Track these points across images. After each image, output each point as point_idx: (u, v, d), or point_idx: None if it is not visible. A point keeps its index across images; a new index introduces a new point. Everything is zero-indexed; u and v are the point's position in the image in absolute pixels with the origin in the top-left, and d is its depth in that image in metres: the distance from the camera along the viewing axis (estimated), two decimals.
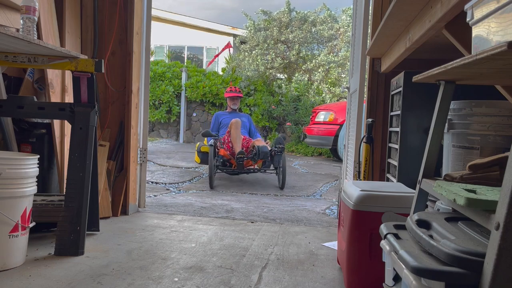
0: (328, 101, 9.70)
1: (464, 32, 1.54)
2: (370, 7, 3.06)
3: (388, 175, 2.70)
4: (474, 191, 0.99)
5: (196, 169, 5.83)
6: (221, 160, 4.91)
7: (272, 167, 5.04)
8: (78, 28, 3.04)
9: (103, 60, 2.31)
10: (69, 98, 2.84)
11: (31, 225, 2.05)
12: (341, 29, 10.77)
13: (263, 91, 9.91)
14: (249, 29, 11.01)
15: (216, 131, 5.32)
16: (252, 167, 5.04)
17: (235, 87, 5.70)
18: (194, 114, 9.92)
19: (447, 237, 0.93)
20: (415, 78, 1.36)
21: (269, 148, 4.84)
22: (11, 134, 2.60)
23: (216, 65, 13.80)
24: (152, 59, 11.29)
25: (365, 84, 3.03)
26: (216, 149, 4.88)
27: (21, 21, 2.02)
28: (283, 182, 4.73)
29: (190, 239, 2.56)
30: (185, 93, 9.84)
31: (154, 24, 3.75)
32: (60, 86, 2.80)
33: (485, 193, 0.97)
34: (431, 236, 0.98)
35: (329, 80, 10.24)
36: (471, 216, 0.94)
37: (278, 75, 10.83)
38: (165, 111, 9.77)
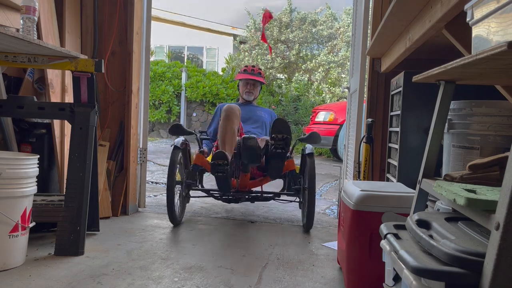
0: (328, 101, 9.70)
1: (464, 32, 1.54)
2: (370, 7, 3.06)
3: (388, 175, 2.70)
4: (474, 191, 0.99)
5: None
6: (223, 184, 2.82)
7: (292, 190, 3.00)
8: (78, 28, 3.04)
9: (103, 60, 2.31)
10: (69, 98, 2.84)
11: (31, 225, 2.05)
12: (341, 29, 10.78)
13: (263, 91, 9.92)
14: (250, 28, 11.02)
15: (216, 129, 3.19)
16: (258, 187, 3.08)
17: (252, 67, 3.56)
18: (194, 114, 9.93)
19: (447, 237, 0.93)
20: (415, 78, 1.36)
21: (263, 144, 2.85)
22: (11, 134, 2.60)
23: (216, 65, 13.80)
24: (152, 59, 11.30)
25: (365, 84, 3.03)
26: (188, 155, 3.04)
27: (21, 21, 2.02)
28: (309, 218, 2.74)
29: (190, 239, 2.56)
30: (185, 93, 9.85)
31: (154, 24, 3.75)
32: (60, 86, 2.80)
33: (485, 193, 0.97)
34: (431, 236, 0.98)
35: (329, 80, 10.25)
36: (471, 216, 0.94)
37: (278, 75, 10.84)
38: (165, 111, 9.77)
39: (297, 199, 2.99)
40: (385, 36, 2.44)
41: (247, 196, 2.97)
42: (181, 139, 2.93)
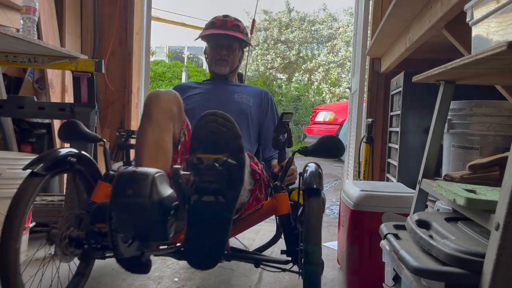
0: (328, 101, 9.71)
1: (464, 32, 1.54)
2: (370, 7, 3.06)
3: (388, 175, 2.70)
4: (474, 191, 0.99)
5: None
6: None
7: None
8: (78, 28, 3.04)
9: (103, 60, 2.31)
10: (69, 98, 2.84)
11: (31, 225, 2.05)
12: (340, 29, 10.80)
13: None
14: (249, 29, 11.03)
15: None
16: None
17: (224, 17, 2.06)
18: None
19: (447, 237, 0.93)
20: (415, 78, 1.36)
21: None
22: (11, 134, 2.60)
23: None
24: (152, 59, 11.31)
25: (365, 84, 3.03)
26: (86, 184, 1.54)
27: (21, 21, 2.02)
28: None
29: None
30: None
31: (154, 24, 3.75)
32: (60, 86, 2.80)
33: (485, 193, 0.97)
34: (431, 236, 0.98)
35: (329, 80, 10.26)
36: (471, 216, 0.94)
37: (278, 75, 10.85)
38: None
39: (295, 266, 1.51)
40: (385, 36, 2.44)
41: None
42: (66, 151, 1.46)
